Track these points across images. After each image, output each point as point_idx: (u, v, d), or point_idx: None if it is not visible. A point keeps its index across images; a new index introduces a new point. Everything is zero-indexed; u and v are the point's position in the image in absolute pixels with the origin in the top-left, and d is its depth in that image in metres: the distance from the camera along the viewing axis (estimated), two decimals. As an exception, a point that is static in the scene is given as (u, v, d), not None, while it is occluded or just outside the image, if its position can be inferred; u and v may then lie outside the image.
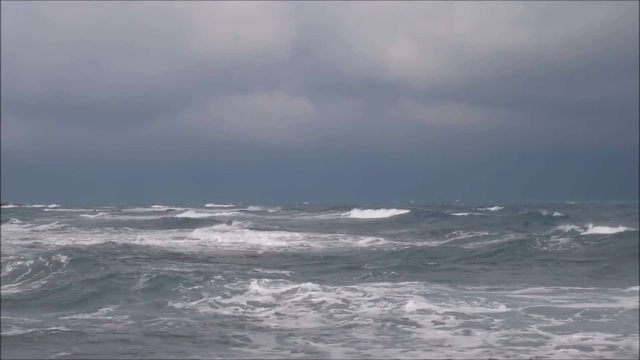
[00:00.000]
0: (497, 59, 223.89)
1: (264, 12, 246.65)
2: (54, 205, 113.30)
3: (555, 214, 45.63)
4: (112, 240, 25.78)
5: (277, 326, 9.70)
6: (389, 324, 9.64)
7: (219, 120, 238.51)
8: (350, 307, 10.84)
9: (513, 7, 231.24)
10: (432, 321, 9.69)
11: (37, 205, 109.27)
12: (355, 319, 10.06)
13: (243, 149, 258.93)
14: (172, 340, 8.76)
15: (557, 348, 8.15)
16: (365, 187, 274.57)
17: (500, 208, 69.20)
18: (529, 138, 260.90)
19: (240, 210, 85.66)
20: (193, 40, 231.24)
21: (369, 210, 55.72)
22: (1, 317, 9.98)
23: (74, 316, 10.53)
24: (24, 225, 40.92)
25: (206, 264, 18.17)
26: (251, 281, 12.62)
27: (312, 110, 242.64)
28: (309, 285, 12.25)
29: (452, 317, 9.88)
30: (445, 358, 7.93)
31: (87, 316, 10.53)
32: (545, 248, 19.95)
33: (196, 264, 18.09)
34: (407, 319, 9.87)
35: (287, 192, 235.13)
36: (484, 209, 68.12)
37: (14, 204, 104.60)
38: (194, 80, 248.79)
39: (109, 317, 10.34)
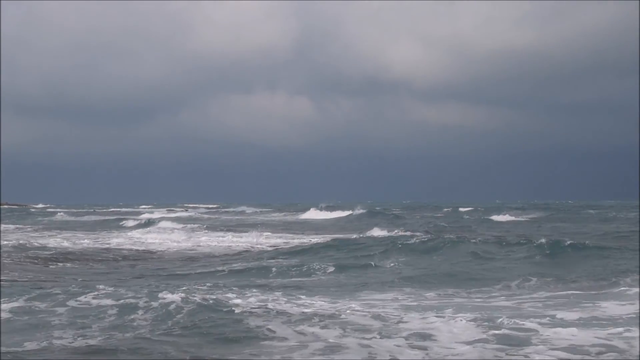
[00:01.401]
0: (500, 58, 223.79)
1: (264, 11, 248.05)
2: (41, 206, 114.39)
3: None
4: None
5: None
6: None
7: (219, 120, 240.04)
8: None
9: (516, 6, 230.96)
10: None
11: (34, 206, 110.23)
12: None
13: (243, 149, 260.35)
14: None
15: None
16: (366, 187, 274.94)
17: (469, 209, 69.73)
18: (531, 138, 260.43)
19: (217, 210, 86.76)
20: (193, 39, 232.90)
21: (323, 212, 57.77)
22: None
23: None
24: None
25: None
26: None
27: (312, 110, 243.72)
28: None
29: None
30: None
31: None
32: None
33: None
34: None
35: (287, 192, 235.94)
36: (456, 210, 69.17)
37: (8, 204, 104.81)
38: (194, 80, 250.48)
39: None
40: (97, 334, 9.10)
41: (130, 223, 43.38)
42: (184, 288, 12.60)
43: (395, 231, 33.36)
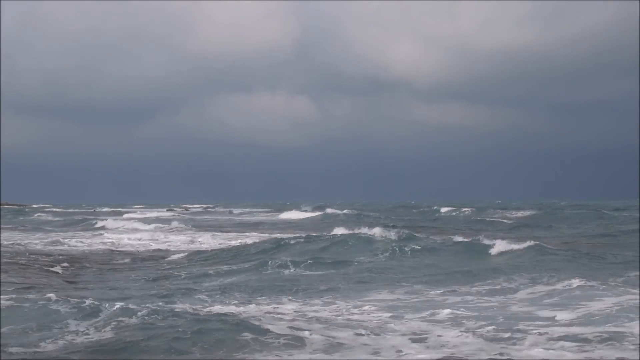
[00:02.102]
0: (501, 58, 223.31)
1: (265, 11, 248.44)
2: (39, 206, 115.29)
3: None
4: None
5: None
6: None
7: (219, 120, 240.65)
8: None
9: (517, 6, 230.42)
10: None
11: (32, 206, 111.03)
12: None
13: (243, 149, 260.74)
14: None
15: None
16: (366, 187, 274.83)
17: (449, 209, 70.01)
18: (533, 138, 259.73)
19: (207, 210, 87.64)
20: (194, 40, 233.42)
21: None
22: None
23: None
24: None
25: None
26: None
27: (313, 109, 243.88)
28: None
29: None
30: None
31: None
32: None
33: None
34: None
35: (288, 191, 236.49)
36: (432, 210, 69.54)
37: (8, 204, 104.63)
38: (194, 80, 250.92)
39: None
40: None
41: (100, 223, 44.04)
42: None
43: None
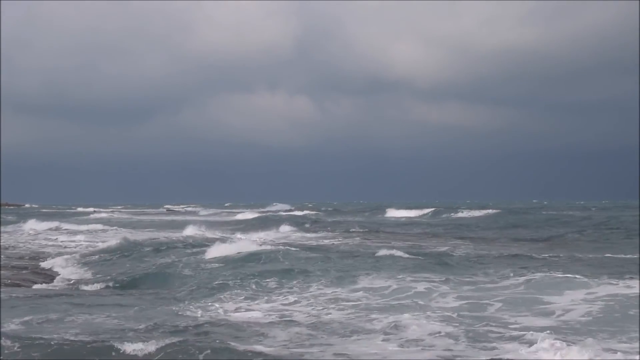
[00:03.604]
0: (503, 58, 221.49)
1: (265, 10, 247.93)
2: (27, 206, 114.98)
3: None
4: None
5: None
6: None
7: (219, 120, 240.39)
8: None
9: (519, 5, 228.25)
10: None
11: (34, 206, 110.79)
12: None
13: (243, 149, 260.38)
14: None
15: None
16: (366, 186, 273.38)
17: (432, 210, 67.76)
18: (534, 138, 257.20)
19: (184, 211, 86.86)
20: (194, 39, 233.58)
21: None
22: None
23: None
24: None
25: None
26: None
27: (313, 109, 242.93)
28: None
29: None
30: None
31: None
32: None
33: None
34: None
35: (287, 191, 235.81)
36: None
37: (8, 205, 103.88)
38: (194, 80, 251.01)
39: None
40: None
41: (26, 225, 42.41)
42: None
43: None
